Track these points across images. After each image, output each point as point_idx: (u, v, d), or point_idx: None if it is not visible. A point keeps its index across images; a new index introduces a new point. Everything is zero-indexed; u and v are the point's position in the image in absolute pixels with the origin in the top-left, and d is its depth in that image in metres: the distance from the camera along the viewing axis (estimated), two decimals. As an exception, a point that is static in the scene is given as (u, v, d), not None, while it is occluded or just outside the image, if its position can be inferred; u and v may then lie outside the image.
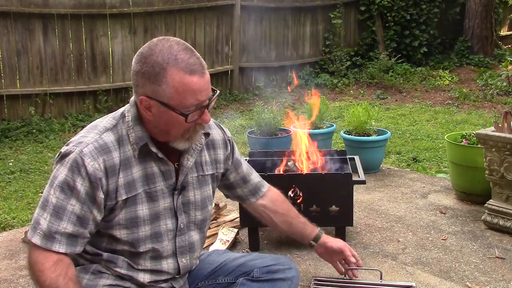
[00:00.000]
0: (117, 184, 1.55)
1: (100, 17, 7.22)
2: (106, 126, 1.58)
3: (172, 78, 1.46)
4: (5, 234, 3.52)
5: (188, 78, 1.47)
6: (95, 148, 1.52)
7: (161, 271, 1.68)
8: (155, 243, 1.64)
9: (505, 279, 2.72)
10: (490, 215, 3.30)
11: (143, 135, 1.56)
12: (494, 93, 8.04)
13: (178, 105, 1.48)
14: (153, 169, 1.60)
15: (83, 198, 1.51)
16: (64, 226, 1.50)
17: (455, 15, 10.74)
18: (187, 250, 1.73)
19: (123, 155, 1.55)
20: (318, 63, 9.56)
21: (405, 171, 4.67)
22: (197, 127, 1.56)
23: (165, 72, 1.47)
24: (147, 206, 1.61)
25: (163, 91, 1.47)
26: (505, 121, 3.22)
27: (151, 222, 1.62)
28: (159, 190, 1.62)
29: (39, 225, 1.51)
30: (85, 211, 1.52)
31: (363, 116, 4.58)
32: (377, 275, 2.43)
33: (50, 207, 1.51)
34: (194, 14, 8.09)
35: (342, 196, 3.00)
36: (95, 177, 1.51)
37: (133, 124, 1.57)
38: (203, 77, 1.49)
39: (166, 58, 1.47)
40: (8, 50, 6.66)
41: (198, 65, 1.49)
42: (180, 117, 1.49)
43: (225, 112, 7.75)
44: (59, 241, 1.50)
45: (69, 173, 1.50)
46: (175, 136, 1.56)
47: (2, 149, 5.88)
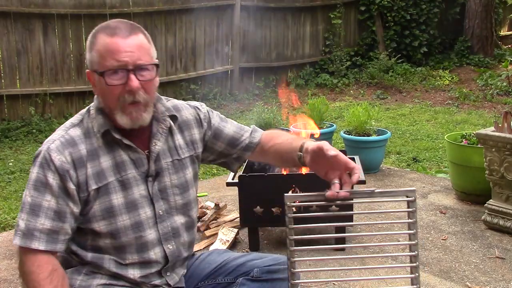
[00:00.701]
0: (86, 175, 1.56)
1: (100, 17, 7.21)
2: (73, 122, 1.62)
3: (98, 43, 1.52)
4: (5, 234, 3.52)
5: (108, 39, 1.50)
6: (61, 143, 1.55)
7: (149, 262, 1.66)
8: (137, 232, 1.63)
9: (505, 279, 2.72)
10: (490, 215, 3.30)
11: (104, 122, 1.58)
12: (494, 93, 8.04)
13: (100, 67, 1.52)
14: (122, 157, 1.60)
15: (56, 192, 1.52)
16: (41, 222, 1.51)
17: (455, 15, 10.73)
18: (171, 236, 1.70)
19: (89, 146, 1.57)
20: (318, 63, 9.55)
21: (405, 171, 4.67)
22: (126, 96, 1.53)
23: (95, 39, 1.53)
24: (121, 195, 1.60)
25: (92, 58, 1.54)
26: (505, 121, 3.22)
27: (128, 211, 1.61)
28: (131, 177, 1.61)
29: (18, 227, 1.52)
30: (61, 205, 1.53)
31: (363, 116, 4.58)
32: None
33: (26, 207, 1.52)
34: (194, 14, 8.09)
35: (342, 196, 3.00)
36: (62, 170, 1.52)
37: (95, 114, 1.60)
38: (125, 39, 1.51)
39: (99, 28, 1.55)
40: (8, 50, 6.65)
41: (122, 29, 1.52)
42: (102, 80, 1.51)
43: (225, 112, 7.75)
44: (38, 238, 1.50)
45: (40, 170, 1.53)
46: (112, 108, 1.55)
47: (2, 149, 5.88)
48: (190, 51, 8.10)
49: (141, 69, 1.54)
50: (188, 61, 8.08)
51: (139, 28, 1.58)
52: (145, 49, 1.56)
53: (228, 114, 7.62)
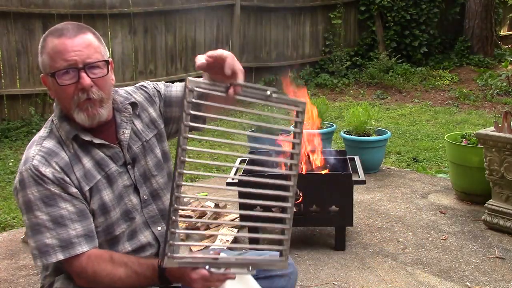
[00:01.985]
0: (77, 178, 1.57)
1: (100, 17, 7.22)
2: (42, 135, 1.61)
3: (47, 46, 1.54)
4: (5, 234, 3.52)
5: (56, 41, 1.52)
6: (42, 157, 1.54)
7: (141, 246, 1.68)
8: (127, 221, 1.65)
9: (505, 279, 2.72)
10: (490, 215, 3.30)
11: (70, 128, 1.58)
12: (494, 93, 8.04)
13: (51, 69, 1.53)
14: (100, 155, 1.61)
15: (67, 197, 1.52)
16: (73, 228, 1.51)
17: (455, 15, 10.73)
18: (160, 218, 1.72)
19: (68, 152, 1.57)
20: (318, 63, 9.55)
21: (405, 171, 4.67)
22: (80, 94, 1.53)
23: (44, 42, 1.55)
24: (110, 190, 1.62)
25: (43, 61, 1.55)
26: (505, 121, 3.23)
27: (118, 204, 1.63)
28: (114, 171, 1.63)
29: (48, 246, 1.50)
30: (77, 204, 1.54)
31: (363, 116, 4.58)
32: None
33: (47, 224, 1.50)
34: (194, 14, 8.08)
35: (342, 196, 3.01)
36: (58, 180, 1.52)
37: (59, 122, 1.60)
38: (73, 39, 1.52)
39: (48, 32, 1.56)
40: (8, 50, 6.65)
41: (70, 29, 1.53)
42: (55, 81, 1.52)
43: (225, 112, 7.75)
44: (79, 243, 1.52)
45: (40, 187, 1.50)
46: (68, 108, 1.56)
47: (2, 149, 5.88)
48: (190, 51, 8.10)
49: (91, 67, 1.54)
50: (188, 61, 8.08)
51: (88, 28, 1.59)
52: (93, 47, 1.56)
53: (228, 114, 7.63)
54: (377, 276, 2.77)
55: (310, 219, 3.02)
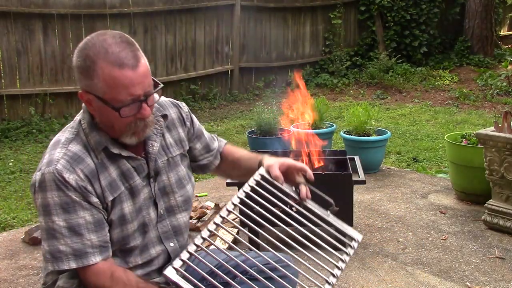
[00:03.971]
0: (101, 187, 1.55)
1: (100, 17, 7.22)
2: (68, 138, 1.57)
3: (102, 72, 1.44)
4: (5, 234, 3.52)
5: (118, 72, 1.44)
6: (67, 162, 1.51)
7: (150, 260, 1.68)
8: (142, 234, 1.65)
9: (505, 279, 2.72)
10: (490, 215, 3.30)
11: (100, 140, 1.55)
12: (494, 93, 8.04)
13: (111, 100, 1.47)
14: (127, 165, 1.60)
15: (86, 206, 1.51)
16: (88, 238, 1.50)
17: (455, 15, 10.73)
18: (172, 235, 1.72)
19: (95, 159, 1.55)
20: (318, 63, 9.55)
21: (405, 171, 4.67)
22: (138, 122, 1.53)
23: (95, 65, 1.44)
24: (131, 202, 1.61)
25: (95, 85, 1.46)
26: (505, 121, 3.23)
27: (136, 217, 1.63)
28: (138, 184, 1.62)
29: (61, 252, 1.49)
30: (95, 214, 1.52)
31: (363, 116, 4.58)
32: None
33: (63, 231, 1.49)
34: (194, 14, 8.08)
35: (342, 196, 3.00)
36: (80, 188, 1.50)
37: (89, 130, 1.56)
38: (135, 71, 1.46)
39: (96, 52, 1.45)
40: (8, 50, 6.65)
41: (129, 58, 1.46)
42: (115, 112, 1.48)
43: (225, 112, 7.75)
44: (93, 253, 1.51)
45: (61, 193, 1.49)
46: (120, 131, 1.54)
47: (2, 149, 5.88)
48: (190, 51, 8.10)
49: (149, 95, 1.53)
50: (188, 61, 8.08)
51: (138, 48, 1.51)
52: (149, 73, 1.52)
53: (228, 114, 7.62)
54: (377, 276, 2.77)
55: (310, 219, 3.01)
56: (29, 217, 3.88)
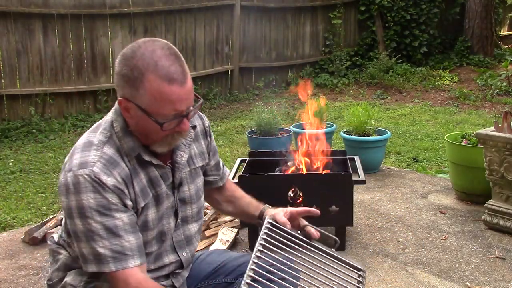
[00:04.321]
0: (135, 192, 1.54)
1: (100, 17, 7.22)
2: (102, 140, 1.54)
3: (150, 85, 1.42)
4: (5, 234, 3.52)
5: (167, 87, 1.42)
6: (104, 165, 1.49)
7: (162, 267, 1.69)
8: (159, 242, 1.65)
9: (505, 279, 2.72)
10: (490, 215, 3.30)
11: (134, 146, 1.55)
12: (494, 93, 8.04)
13: (155, 113, 1.45)
14: (155, 172, 1.61)
15: (122, 208, 1.49)
16: (127, 240, 1.48)
17: (455, 15, 10.73)
18: (185, 244, 1.73)
19: (128, 164, 1.54)
20: (318, 63, 9.55)
21: (405, 171, 4.67)
22: (175, 134, 1.53)
23: (144, 77, 1.42)
24: (154, 210, 1.61)
25: (140, 97, 1.44)
26: (505, 121, 3.23)
27: (157, 224, 1.63)
28: (164, 192, 1.63)
29: (101, 255, 1.47)
30: (130, 216, 1.51)
31: (363, 116, 4.58)
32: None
33: (101, 233, 1.46)
34: (194, 14, 8.09)
35: (342, 196, 3.00)
36: (118, 190, 1.49)
37: (123, 135, 1.55)
38: (183, 87, 1.45)
39: (146, 64, 1.43)
40: (8, 50, 6.65)
41: (179, 74, 1.45)
42: (156, 125, 1.47)
43: (225, 112, 7.75)
44: (132, 256, 1.49)
45: (97, 195, 1.46)
46: (154, 141, 1.54)
47: (2, 149, 5.88)
48: (190, 51, 8.10)
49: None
50: (188, 61, 8.05)
51: (184, 62, 1.50)
52: (193, 88, 1.51)
53: (228, 114, 7.62)
54: (377, 276, 2.77)
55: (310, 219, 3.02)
56: (29, 217, 3.88)
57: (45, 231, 3.30)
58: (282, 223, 1.72)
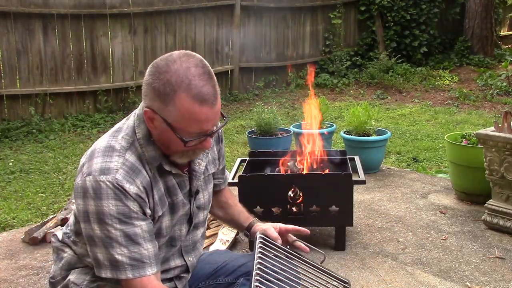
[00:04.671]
0: (154, 201, 1.55)
1: (100, 17, 7.22)
2: (124, 146, 1.53)
3: (180, 103, 1.41)
4: (5, 234, 3.52)
5: (197, 108, 1.42)
6: (127, 172, 1.48)
7: (168, 270, 1.70)
8: (168, 247, 1.66)
9: (505, 279, 2.72)
10: (490, 215, 3.30)
11: (155, 155, 1.54)
12: (494, 93, 8.04)
13: (181, 130, 1.45)
14: (172, 181, 1.61)
15: (142, 216, 1.49)
16: (145, 248, 1.49)
17: (455, 15, 10.73)
18: (191, 249, 1.75)
19: (148, 172, 1.54)
20: (318, 63, 9.55)
21: (405, 171, 4.67)
22: (197, 150, 1.55)
23: (175, 95, 1.41)
24: (169, 218, 1.62)
25: (169, 112, 1.43)
26: (505, 121, 3.22)
27: (170, 231, 1.64)
28: (180, 201, 1.63)
29: (119, 262, 1.47)
30: (149, 225, 1.52)
31: (363, 116, 4.58)
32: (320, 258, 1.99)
33: (120, 240, 1.46)
34: (194, 14, 8.09)
35: (342, 196, 3.00)
36: (140, 199, 1.49)
37: (145, 143, 1.54)
38: (213, 108, 1.45)
39: (179, 81, 1.41)
40: (8, 50, 6.65)
41: (210, 95, 1.44)
42: (179, 141, 1.47)
43: (225, 112, 7.75)
44: (150, 264, 1.49)
45: (118, 202, 1.45)
46: (174, 152, 1.54)
47: (2, 149, 5.88)
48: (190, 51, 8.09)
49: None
50: (188, 61, 8.07)
51: (216, 81, 1.49)
52: (220, 109, 1.51)
53: (228, 114, 7.62)
54: (377, 276, 2.77)
55: (310, 219, 3.02)
56: (29, 217, 3.88)
57: (45, 231, 3.30)
58: (273, 239, 1.74)
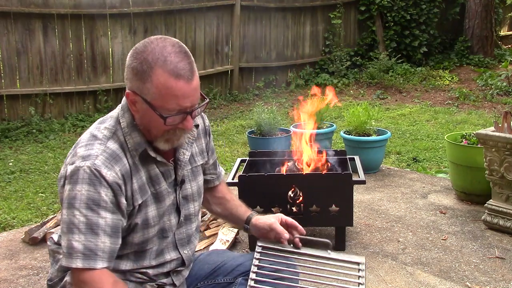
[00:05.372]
0: (132, 189, 1.55)
1: (100, 17, 7.22)
2: (106, 135, 1.56)
3: (157, 78, 1.45)
4: (5, 234, 3.52)
5: (173, 82, 1.45)
6: (107, 158, 1.50)
7: (163, 263, 1.70)
8: (160, 239, 1.67)
9: (505, 279, 2.72)
10: (490, 215, 3.30)
11: (140, 141, 1.56)
12: (494, 93, 8.04)
13: (159, 107, 1.48)
14: (155, 170, 1.62)
15: (111, 208, 1.49)
16: (102, 241, 1.47)
17: (455, 15, 10.74)
18: (186, 242, 1.75)
19: (130, 160, 1.56)
20: (318, 63, 9.55)
21: (405, 171, 4.67)
22: (177, 131, 1.55)
23: (151, 71, 1.45)
24: (154, 207, 1.62)
25: (147, 90, 1.47)
26: (505, 121, 3.22)
27: (158, 221, 1.64)
28: (164, 190, 1.64)
29: (74, 249, 1.45)
30: (116, 220, 1.51)
31: (363, 116, 4.58)
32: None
33: (81, 227, 1.45)
34: (194, 14, 8.09)
35: (342, 196, 3.00)
36: (116, 186, 1.49)
37: (129, 130, 1.56)
38: (189, 84, 1.47)
39: (155, 58, 1.46)
40: (8, 50, 6.65)
41: (186, 70, 1.47)
42: (160, 119, 1.49)
43: (225, 112, 7.75)
44: (102, 258, 1.47)
45: (91, 188, 1.46)
46: (155, 136, 1.55)
47: (2, 149, 5.88)
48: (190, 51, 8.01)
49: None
50: (188, 61, 8.07)
51: (193, 60, 1.53)
52: (199, 87, 1.53)
53: (228, 114, 7.62)
54: (377, 276, 2.77)
55: (310, 219, 3.02)
56: (29, 217, 3.88)
57: (45, 231, 3.30)
58: (280, 233, 1.76)
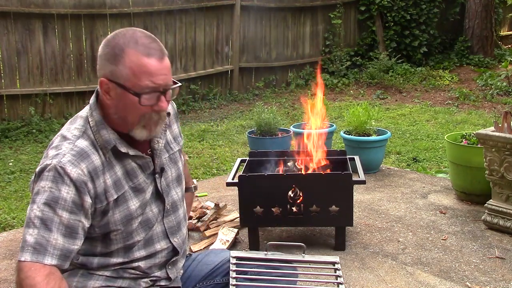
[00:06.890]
0: (106, 185, 1.55)
1: (100, 17, 7.22)
2: (76, 134, 1.57)
3: (129, 59, 1.49)
4: (5, 234, 3.52)
5: (145, 60, 1.49)
6: (73, 156, 1.51)
7: (154, 253, 1.70)
8: (146, 230, 1.66)
9: (505, 279, 2.72)
10: (490, 215, 3.29)
11: (109, 138, 1.57)
12: (494, 93, 8.04)
13: (133, 86, 1.50)
14: (132, 165, 1.62)
15: (70, 207, 1.48)
16: (54, 237, 1.45)
17: (455, 15, 10.73)
18: (176, 230, 1.75)
19: (102, 157, 1.56)
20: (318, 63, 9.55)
21: (405, 171, 4.67)
22: (153, 114, 1.55)
23: (123, 52, 1.49)
24: (136, 200, 1.63)
25: (119, 72, 1.50)
26: (505, 121, 3.22)
27: (141, 213, 1.64)
28: (142, 182, 1.64)
29: (26, 242, 1.43)
30: (73, 220, 1.49)
31: (363, 116, 4.58)
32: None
33: (35, 222, 1.44)
34: (194, 14, 8.09)
35: (342, 196, 3.00)
36: (80, 182, 1.49)
37: (98, 128, 1.57)
38: (161, 62, 1.51)
39: (127, 41, 1.50)
40: (8, 50, 6.65)
41: (157, 50, 1.52)
42: (134, 98, 1.50)
43: (225, 112, 7.75)
44: (51, 254, 1.44)
45: (53, 185, 1.47)
46: (132, 123, 1.55)
47: (2, 149, 5.88)
48: (190, 51, 8.10)
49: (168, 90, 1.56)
50: (188, 61, 8.08)
51: (163, 47, 1.58)
52: (170, 70, 1.57)
53: (228, 114, 7.62)
54: (377, 276, 2.77)
55: (310, 219, 3.02)
56: (29, 217, 3.88)
57: (45, 231, 3.30)
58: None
